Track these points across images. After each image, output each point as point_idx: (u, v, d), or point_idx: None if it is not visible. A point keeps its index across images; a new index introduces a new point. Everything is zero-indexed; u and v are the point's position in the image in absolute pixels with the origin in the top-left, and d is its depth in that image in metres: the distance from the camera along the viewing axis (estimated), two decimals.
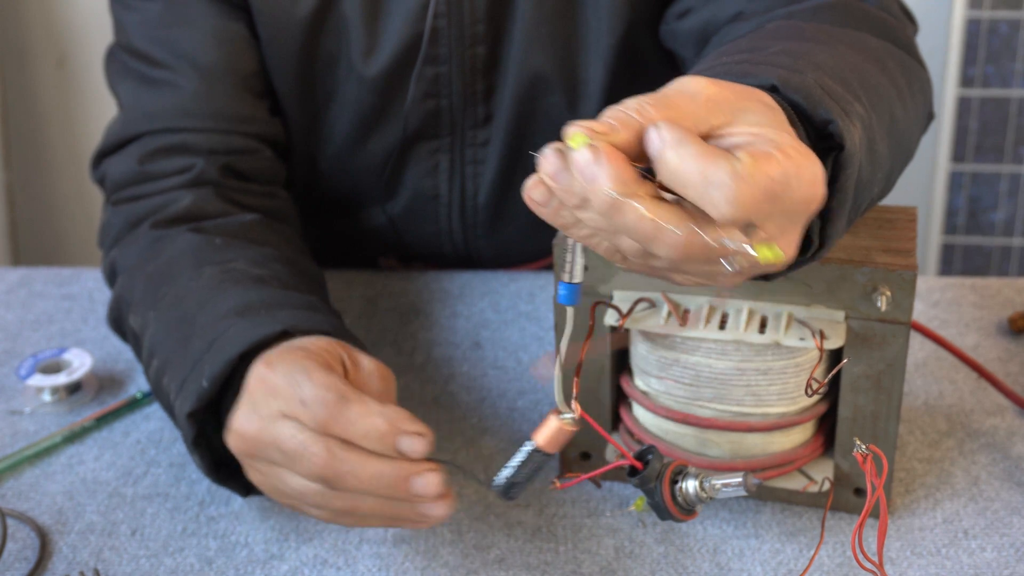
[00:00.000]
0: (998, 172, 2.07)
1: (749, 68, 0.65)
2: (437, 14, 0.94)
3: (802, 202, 0.55)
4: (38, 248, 2.28)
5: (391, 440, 0.65)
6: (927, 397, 0.91)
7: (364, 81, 0.97)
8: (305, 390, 0.66)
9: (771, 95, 0.61)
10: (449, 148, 1.02)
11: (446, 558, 0.76)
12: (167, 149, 0.93)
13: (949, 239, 2.12)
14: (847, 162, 0.62)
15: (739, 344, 0.73)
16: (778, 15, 0.84)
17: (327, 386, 0.66)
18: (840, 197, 0.62)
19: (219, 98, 0.95)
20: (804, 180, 0.55)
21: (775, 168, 0.53)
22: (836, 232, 0.63)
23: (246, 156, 0.95)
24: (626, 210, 0.54)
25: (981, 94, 2.02)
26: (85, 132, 2.21)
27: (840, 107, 0.63)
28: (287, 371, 0.67)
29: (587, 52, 0.98)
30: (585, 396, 0.80)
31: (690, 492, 0.67)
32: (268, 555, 0.77)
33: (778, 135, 0.56)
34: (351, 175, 1.05)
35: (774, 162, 0.53)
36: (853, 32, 0.78)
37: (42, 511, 0.82)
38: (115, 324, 0.90)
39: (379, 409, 0.65)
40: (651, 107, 0.55)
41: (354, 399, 0.65)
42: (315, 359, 0.68)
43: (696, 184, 0.53)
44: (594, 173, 0.53)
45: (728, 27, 0.88)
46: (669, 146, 0.53)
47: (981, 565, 0.74)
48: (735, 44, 0.76)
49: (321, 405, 0.65)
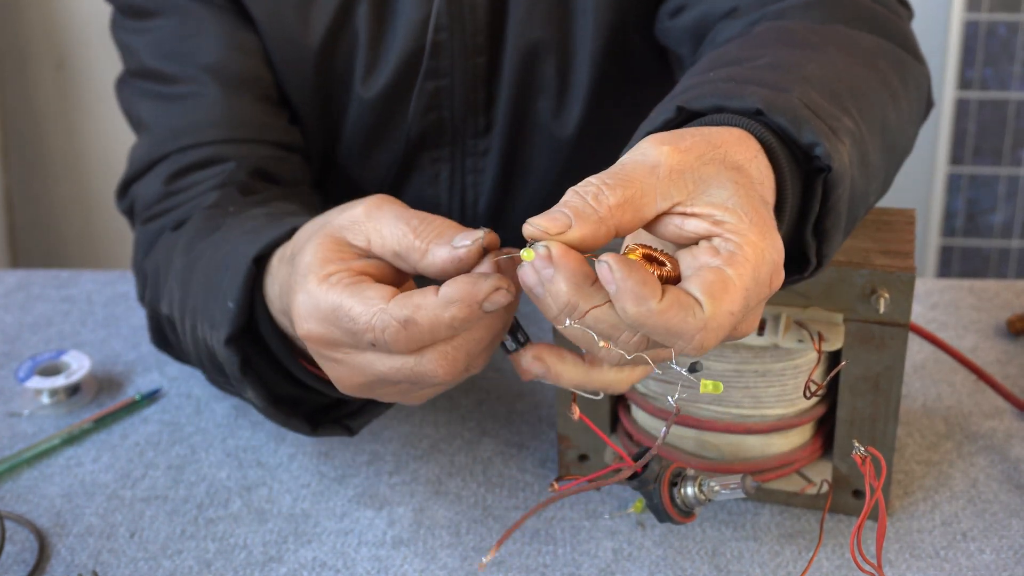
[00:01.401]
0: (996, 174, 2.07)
1: (735, 89, 0.64)
2: (438, 28, 0.94)
3: (764, 295, 0.56)
4: (37, 250, 2.28)
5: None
6: (925, 399, 0.91)
7: (366, 99, 0.97)
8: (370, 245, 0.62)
9: (756, 119, 0.61)
10: (450, 158, 1.02)
11: (444, 560, 0.76)
12: (195, 165, 0.91)
13: (947, 241, 2.12)
14: (837, 182, 0.61)
15: (737, 346, 0.73)
16: (770, 12, 0.83)
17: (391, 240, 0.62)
18: (833, 217, 0.62)
19: (242, 108, 0.94)
20: (762, 278, 0.55)
21: (737, 299, 0.54)
22: (832, 250, 0.63)
23: (274, 162, 0.94)
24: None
25: (979, 96, 2.02)
26: (84, 135, 2.21)
27: (827, 125, 0.62)
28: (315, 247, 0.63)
29: (580, 52, 0.98)
30: (584, 398, 0.80)
31: (689, 494, 0.67)
32: (267, 557, 0.77)
33: (739, 221, 0.55)
34: (354, 185, 1.05)
35: (732, 290, 0.54)
36: (844, 30, 0.78)
37: (41, 513, 0.82)
38: (156, 336, 0.87)
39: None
40: (609, 192, 0.55)
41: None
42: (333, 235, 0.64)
43: (660, 335, 0.54)
44: (550, 279, 0.54)
45: (723, 23, 0.87)
46: (628, 300, 0.53)
47: (980, 567, 0.74)
48: (724, 52, 0.75)
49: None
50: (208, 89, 0.93)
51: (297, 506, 0.82)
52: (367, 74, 0.96)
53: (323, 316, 0.61)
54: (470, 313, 0.58)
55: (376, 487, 0.83)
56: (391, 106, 0.98)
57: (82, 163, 2.23)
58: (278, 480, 0.84)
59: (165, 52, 0.94)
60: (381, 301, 0.59)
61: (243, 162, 0.91)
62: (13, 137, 2.19)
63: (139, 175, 0.93)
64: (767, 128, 0.61)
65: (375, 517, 0.80)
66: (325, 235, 0.63)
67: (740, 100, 0.62)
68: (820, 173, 0.61)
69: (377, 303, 0.59)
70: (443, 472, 0.85)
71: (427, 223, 0.61)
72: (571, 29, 0.97)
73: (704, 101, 0.63)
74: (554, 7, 0.96)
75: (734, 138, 0.59)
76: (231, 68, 0.94)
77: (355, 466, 0.85)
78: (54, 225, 2.28)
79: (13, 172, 2.20)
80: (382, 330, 0.59)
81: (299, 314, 0.62)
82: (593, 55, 0.97)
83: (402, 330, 0.58)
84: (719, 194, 0.56)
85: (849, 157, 0.63)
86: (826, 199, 0.62)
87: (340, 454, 0.86)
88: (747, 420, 0.75)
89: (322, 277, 0.61)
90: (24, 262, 2.25)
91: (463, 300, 0.58)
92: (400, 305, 0.59)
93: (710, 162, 0.57)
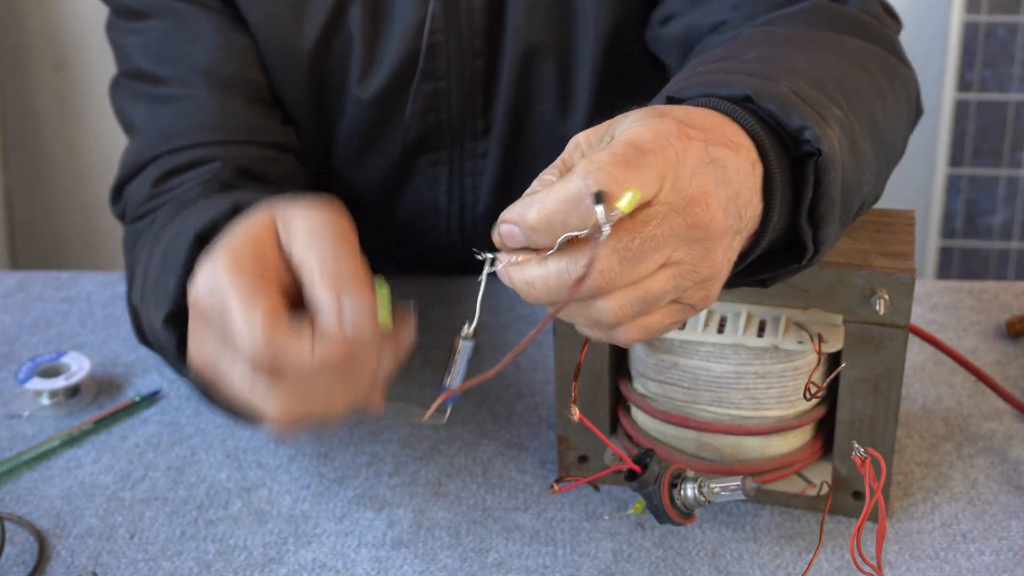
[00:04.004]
0: (996, 176, 2.07)
1: (723, 78, 0.64)
2: (435, 30, 0.94)
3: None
4: (36, 252, 2.28)
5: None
6: (925, 401, 0.91)
7: (362, 100, 0.97)
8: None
9: (745, 105, 0.61)
10: (448, 160, 1.02)
11: (444, 561, 0.76)
12: (184, 166, 0.90)
13: (947, 243, 2.12)
14: (828, 166, 0.61)
15: (737, 348, 0.73)
16: (758, 24, 0.84)
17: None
18: (827, 202, 0.62)
19: (233, 110, 0.94)
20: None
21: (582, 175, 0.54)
22: (829, 237, 0.63)
23: (263, 162, 0.93)
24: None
25: (979, 98, 2.03)
26: (83, 136, 2.21)
27: (816, 111, 0.63)
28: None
29: (579, 56, 0.98)
30: (584, 399, 0.80)
31: (688, 495, 0.67)
32: (266, 558, 0.77)
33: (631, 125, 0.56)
34: (351, 188, 1.05)
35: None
36: (831, 35, 0.78)
37: (40, 515, 0.82)
38: (137, 332, 0.87)
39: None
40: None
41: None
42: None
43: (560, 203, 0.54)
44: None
45: (710, 36, 0.88)
46: (529, 222, 0.55)
47: (979, 568, 0.74)
48: (712, 53, 0.76)
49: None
50: (199, 91, 0.93)
51: (297, 507, 0.82)
52: (363, 76, 0.96)
53: (212, 297, 0.58)
54: (340, 371, 0.57)
55: (376, 488, 0.83)
56: (387, 108, 0.98)
57: (81, 164, 2.23)
58: (278, 481, 0.84)
59: (157, 54, 0.95)
60: (261, 318, 0.56)
61: (230, 162, 0.91)
62: (12, 138, 2.19)
63: (130, 177, 0.93)
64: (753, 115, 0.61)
65: (375, 518, 0.80)
66: (261, 220, 0.60)
67: (728, 88, 0.62)
68: (810, 159, 0.62)
69: (256, 319, 0.56)
70: (443, 473, 0.85)
71: (340, 264, 0.58)
72: (571, 32, 0.97)
73: (693, 90, 0.64)
74: (554, 10, 0.96)
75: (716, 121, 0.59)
76: (223, 70, 0.94)
77: (355, 467, 0.85)
78: (54, 227, 2.28)
79: (12, 173, 2.20)
80: (249, 343, 0.56)
81: (197, 277, 0.59)
82: (594, 58, 0.97)
83: (265, 352, 0.56)
84: (623, 123, 0.57)
85: (839, 143, 0.63)
86: (818, 185, 0.62)
87: (340, 455, 0.87)
88: (747, 422, 0.75)
89: (233, 259, 0.58)
90: (24, 264, 2.24)
91: (332, 362, 0.56)
92: (268, 339, 0.56)
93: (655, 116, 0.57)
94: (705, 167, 0.56)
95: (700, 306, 0.59)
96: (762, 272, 0.65)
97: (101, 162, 2.20)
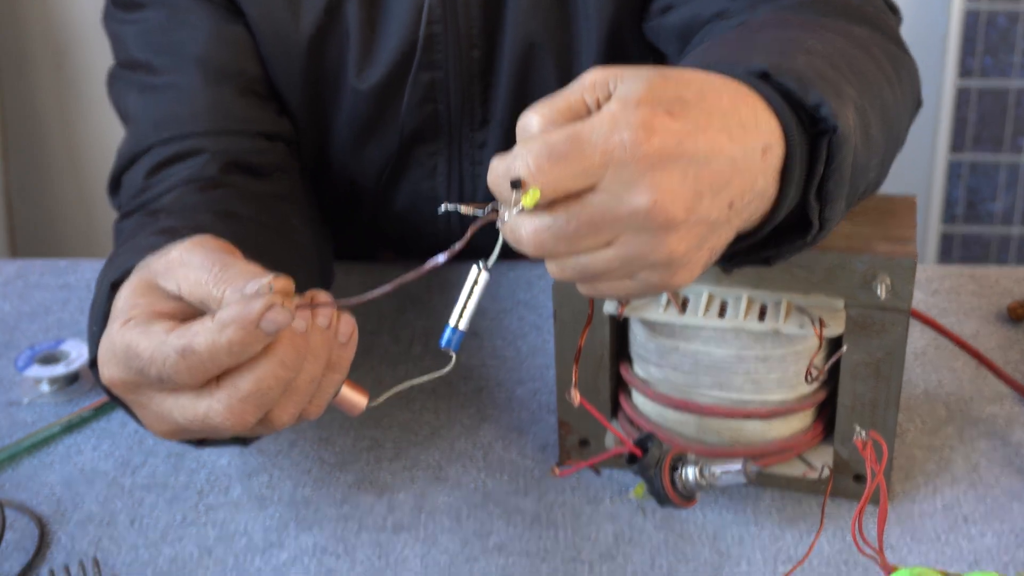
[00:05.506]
0: (996, 162, 2.07)
1: (739, 56, 0.64)
2: (432, 20, 0.94)
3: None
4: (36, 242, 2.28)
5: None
6: (927, 385, 0.91)
7: (361, 91, 0.97)
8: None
9: (763, 82, 0.61)
10: (447, 151, 1.02)
11: (445, 545, 0.76)
12: (175, 157, 0.90)
13: (948, 228, 2.12)
14: (842, 143, 0.61)
15: (738, 332, 0.73)
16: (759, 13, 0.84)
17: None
18: (837, 179, 0.62)
19: (225, 99, 0.93)
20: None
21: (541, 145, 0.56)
22: (835, 214, 0.63)
23: (255, 153, 0.93)
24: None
25: (980, 85, 2.02)
26: (83, 133, 2.21)
27: (832, 89, 0.63)
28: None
29: (579, 49, 0.97)
30: (584, 383, 0.80)
31: (689, 479, 0.67)
32: (267, 543, 0.77)
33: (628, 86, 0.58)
34: (350, 179, 1.05)
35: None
36: (837, 22, 0.79)
37: (40, 501, 0.82)
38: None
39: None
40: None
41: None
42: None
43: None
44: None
45: (710, 26, 0.88)
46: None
47: (981, 551, 0.74)
48: (724, 37, 0.75)
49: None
50: (191, 81, 0.93)
51: (298, 492, 0.81)
52: (360, 66, 0.96)
53: (118, 359, 0.61)
54: (246, 335, 0.57)
55: (376, 473, 0.83)
56: (385, 99, 0.98)
57: (81, 161, 2.23)
58: (278, 466, 0.84)
59: (152, 43, 0.94)
60: (164, 334, 0.59)
61: (218, 155, 0.90)
62: (12, 136, 2.19)
63: (125, 168, 0.93)
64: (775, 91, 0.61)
65: (375, 503, 0.80)
66: (138, 279, 0.63)
67: (746, 65, 0.62)
68: (824, 136, 0.61)
69: (160, 336, 0.59)
70: (443, 458, 0.85)
71: (226, 269, 0.60)
72: (570, 23, 0.97)
73: (712, 68, 0.63)
74: (553, 1, 0.95)
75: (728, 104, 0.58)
76: (216, 60, 0.94)
77: (355, 452, 0.85)
78: (54, 225, 2.28)
79: (13, 170, 2.20)
80: (162, 361, 0.58)
81: (102, 360, 0.62)
82: (595, 50, 0.97)
83: (181, 360, 0.58)
84: (625, 85, 0.58)
85: (853, 121, 0.63)
86: (830, 161, 0.62)
87: (340, 440, 0.86)
88: (748, 405, 0.75)
89: (122, 322, 0.61)
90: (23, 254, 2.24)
91: (236, 322, 0.57)
92: (178, 335, 0.58)
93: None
94: (670, 162, 0.55)
95: (662, 287, 0.59)
96: (766, 249, 0.65)
97: (101, 158, 2.21)
